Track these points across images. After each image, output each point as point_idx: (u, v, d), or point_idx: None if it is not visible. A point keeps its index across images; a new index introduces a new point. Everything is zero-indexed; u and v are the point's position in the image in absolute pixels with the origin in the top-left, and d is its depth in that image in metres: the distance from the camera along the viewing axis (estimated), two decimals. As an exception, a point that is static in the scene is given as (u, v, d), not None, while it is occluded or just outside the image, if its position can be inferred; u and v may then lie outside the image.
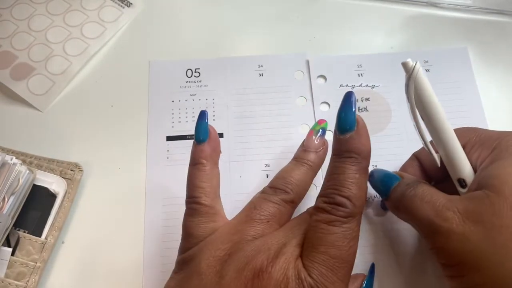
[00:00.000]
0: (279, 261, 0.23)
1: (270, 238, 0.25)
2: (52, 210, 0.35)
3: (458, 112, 0.38)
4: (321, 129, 0.31)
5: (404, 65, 0.26)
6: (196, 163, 0.28)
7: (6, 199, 0.33)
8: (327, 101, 0.39)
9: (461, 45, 0.41)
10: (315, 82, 0.39)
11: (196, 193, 0.28)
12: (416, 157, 0.32)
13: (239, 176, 0.36)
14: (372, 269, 0.31)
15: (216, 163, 0.29)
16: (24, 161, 0.36)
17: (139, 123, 0.39)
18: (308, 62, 0.40)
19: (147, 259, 0.34)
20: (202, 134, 0.29)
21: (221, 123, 0.38)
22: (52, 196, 0.35)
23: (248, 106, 0.39)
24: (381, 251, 0.33)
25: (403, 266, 0.33)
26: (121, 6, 0.44)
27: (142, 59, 0.41)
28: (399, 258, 0.33)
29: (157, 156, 0.37)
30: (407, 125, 0.37)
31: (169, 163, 0.37)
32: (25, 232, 0.34)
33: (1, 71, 0.40)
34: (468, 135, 0.29)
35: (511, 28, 0.42)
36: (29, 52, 0.41)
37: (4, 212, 0.32)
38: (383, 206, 0.34)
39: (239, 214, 0.27)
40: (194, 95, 0.40)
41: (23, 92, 0.39)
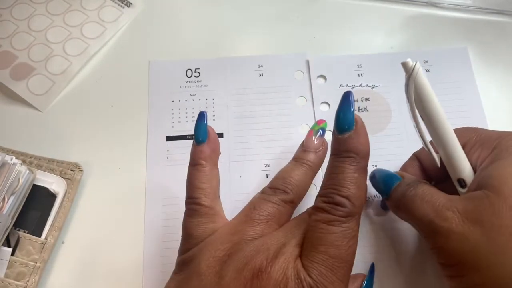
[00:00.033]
0: (278, 261, 0.23)
1: (270, 238, 0.25)
2: (52, 210, 0.35)
3: (458, 112, 0.38)
4: (320, 129, 0.31)
5: (404, 65, 0.26)
6: (196, 164, 0.28)
7: (6, 199, 0.33)
8: (327, 101, 0.39)
9: (461, 45, 0.41)
10: (315, 82, 0.39)
11: (196, 194, 0.28)
12: (416, 157, 0.32)
13: (239, 176, 0.36)
14: (372, 269, 0.31)
15: (215, 164, 0.29)
16: (24, 161, 0.36)
17: (139, 123, 0.39)
18: (308, 62, 0.40)
19: (147, 259, 0.34)
20: (201, 135, 0.29)
21: (221, 123, 0.38)
22: (52, 196, 0.35)
23: (248, 106, 0.39)
24: (381, 251, 0.33)
25: (403, 266, 0.33)
26: (121, 6, 0.44)
27: (142, 59, 0.41)
28: (399, 258, 0.33)
29: (157, 156, 0.37)
30: (407, 125, 0.37)
31: (169, 163, 0.37)
32: (25, 232, 0.34)
33: (1, 71, 0.40)
34: (468, 135, 0.29)
35: (511, 28, 0.42)
36: (29, 52, 0.41)
37: (4, 212, 0.32)
38: (383, 206, 0.34)
39: (239, 215, 0.27)
40: (194, 95, 0.40)
41: (23, 92, 0.39)
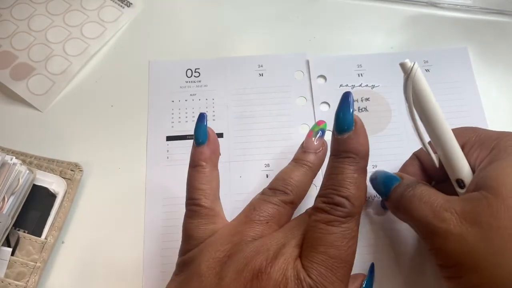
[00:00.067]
0: (278, 262, 0.23)
1: (269, 239, 0.25)
2: (52, 210, 0.35)
3: (458, 112, 0.38)
4: (320, 130, 0.31)
5: (402, 66, 0.26)
6: (196, 165, 0.29)
7: (6, 199, 0.33)
8: (327, 101, 0.39)
9: (461, 45, 0.41)
10: (315, 82, 0.39)
11: (196, 195, 0.28)
12: (416, 156, 0.32)
13: (239, 176, 0.36)
14: (372, 269, 0.31)
15: (215, 165, 0.30)
16: (24, 161, 0.36)
17: (139, 123, 0.39)
18: (308, 62, 0.40)
19: (147, 259, 0.34)
20: (201, 137, 0.29)
21: (221, 123, 0.38)
22: (52, 196, 0.35)
23: (248, 106, 0.39)
24: (381, 251, 0.33)
25: (403, 266, 0.33)
26: (121, 6, 0.44)
27: (142, 59, 0.41)
28: (399, 258, 0.33)
29: (157, 156, 0.37)
30: (407, 125, 0.37)
31: (169, 163, 0.37)
32: (25, 232, 0.34)
33: (1, 71, 0.40)
34: (467, 135, 0.29)
35: (511, 28, 0.42)
36: (29, 52, 0.41)
37: (4, 212, 0.32)
38: (383, 206, 0.34)
39: (239, 216, 0.27)
40: (194, 95, 0.40)
41: (23, 92, 0.39)
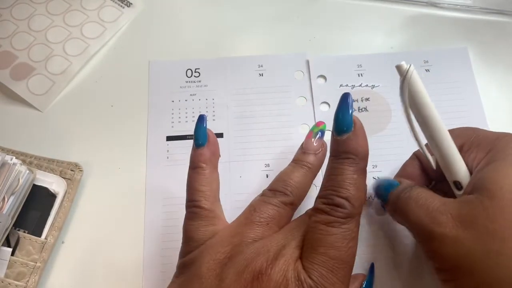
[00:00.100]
0: (278, 263, 0.23)
1: (270, 241, 0.25)
2: (52, 210, 0.35)
3: (458, 112, 0.38)
4: (319, 131, 0.31)
5: (398, 68, 0.26)
6: (196, 167, 0.28)
7: (6, 199, 0.33)
8: (327, 101, 0.39)
9: (461, 45, 0.41)
10: (315, 82, 0.39)
11: (196, 197, 0.28)
12: (416, 156, 0.32)
13: (239, 176, 0.36)
14: (372, 269, 0.31)
15: (215, 166, 0.30)
16: (24, 161, 0.36)
17: (139, 123, 0.39)
18: (308, 62, 0.40)
19: (147, 259, 0.34)
20: (201, 138, 0.29)
21: (221, 123, 0.38)
22: (52, 196, 0.35)
23: (248, 106, 0.39)
24: (381, 251, 0.33)
25: (403, 266, 0.33)
26: (121, 6, 0.44)
27: (142, 59, 0.41)
28: (399, 258, 0.33)
29: (157, 156, 0.37)
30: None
31: (169, 163, 0.37)
32: (25, 232, 0.34)
33: (1, 71, 0.40)
34: (466, 135, 0.29)
35: (511, 28, 0.42)
36: (29, 52, 0.41)
37: (4, 212, 0.32)
38: (384, 206, 0.34)
39: (239, 217, 0.27)
40: (194, 95, 0.40)
41: (23, 92, 0.39)
